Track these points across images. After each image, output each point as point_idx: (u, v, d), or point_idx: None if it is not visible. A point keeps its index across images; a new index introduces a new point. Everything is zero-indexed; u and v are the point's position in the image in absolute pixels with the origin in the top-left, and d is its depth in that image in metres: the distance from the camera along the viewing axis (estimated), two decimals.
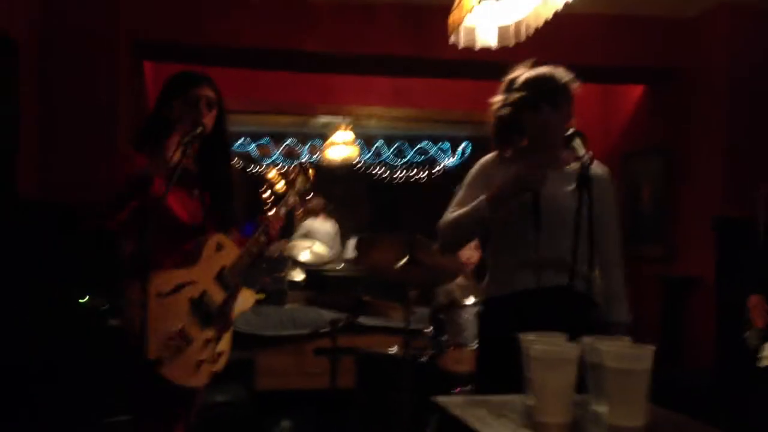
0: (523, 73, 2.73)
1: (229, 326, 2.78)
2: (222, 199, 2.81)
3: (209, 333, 2.67)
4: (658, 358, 4.46)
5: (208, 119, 2.72)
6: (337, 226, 8.98)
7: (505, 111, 2.67)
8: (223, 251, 2.74)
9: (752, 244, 4.02)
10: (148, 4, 4.72)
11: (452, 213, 2.65)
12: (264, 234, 2.85)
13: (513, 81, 2.74)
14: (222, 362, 2.75)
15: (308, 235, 8.67)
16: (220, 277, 2.73)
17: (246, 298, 2.88)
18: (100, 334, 3.65)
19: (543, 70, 2.70)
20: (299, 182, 3.09)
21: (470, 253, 4.87)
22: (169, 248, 2.62)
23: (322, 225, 8.88)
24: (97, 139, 4.30)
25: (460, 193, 2.73)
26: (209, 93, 2.74)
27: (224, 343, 2.75)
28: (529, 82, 2.66)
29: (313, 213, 9.04)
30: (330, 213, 9.04)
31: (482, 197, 2.53)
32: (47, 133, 4.25)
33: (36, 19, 4.20)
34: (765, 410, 3.68)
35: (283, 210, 2.96)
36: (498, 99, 2.77)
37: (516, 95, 2.66)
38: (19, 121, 3.94)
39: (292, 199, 3.04)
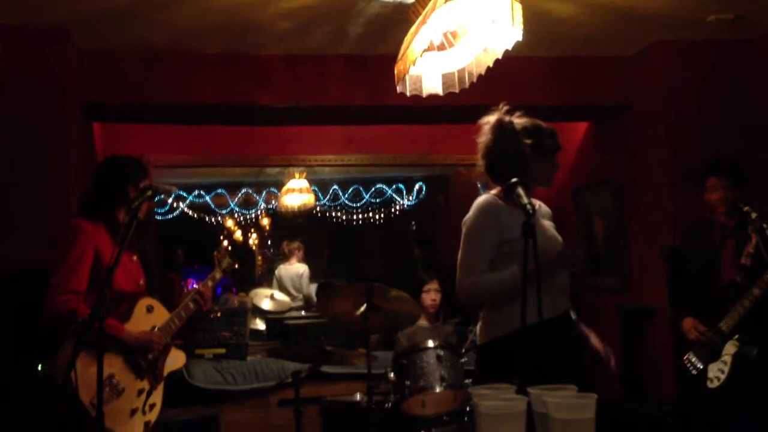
0: (510, 118, 2.92)
1: (160, 380, 3.05)
2: (148, 268, 3.22)
3: (142, 384, 2.95)
4: (620, 388, 4.54)
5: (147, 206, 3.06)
6: (305, 266, 9.01)
7: (522, 153, 2.83)
8: (153, 312, 3.08)
9: (677, 271, 4.17)
10: (100, 67, 4.71)
11: (480, 277, 2.76)
12: (194, 302, 3.19)
13: (510, 124, 2.89)
14: (155, 413, 3.01)
15: (278, 280, 8.71)
16: None
17: (176, 358, 3.19)
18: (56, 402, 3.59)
19: (543, 122, 2.95)
20: (224, 263, 3.52)
21: (434, 295, 4.92)
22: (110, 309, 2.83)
23: (287, 270, 8.90)
24: (49, 202, 4.26)
25: (474, 245, 2.84)
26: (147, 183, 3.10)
27: (156, 396, 3.02)
28: (547, 132, 2.91)
29: (283, 258, 9.09)
30: (298, 256, 9.08)
31: (515, 271, 2.64)
32: None
33: None
34: (725, 427, 3.76)
35: (210, 283, 3.35)
36: (495, 139, 2.89)
37: (549, 143, 2.89)
38: None
39: (218, 275, 3.47)
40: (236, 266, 3.64)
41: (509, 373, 2.42)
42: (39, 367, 3.49)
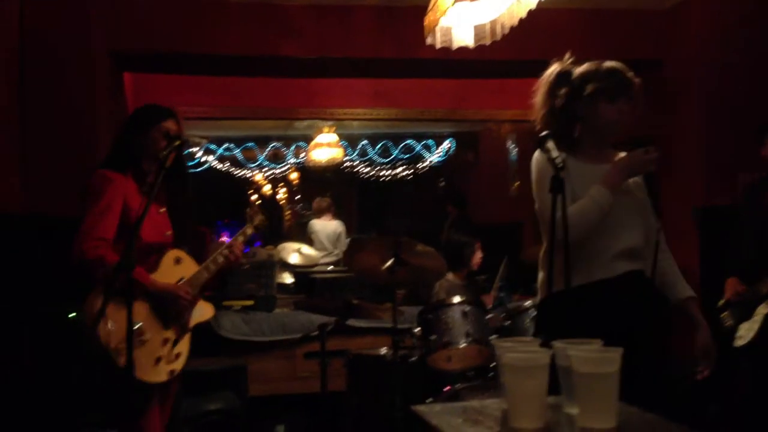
0: (571, 68, 2.67)
1: (186, 331, 3.04)
2: (181, 216, 3.16)
3: (168, 333, 2.94)
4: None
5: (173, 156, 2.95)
6: (342, 225, 9.01)
7: (577, 104, 2.60)
8: (181, 264, 3.07)
9: (732, 231, 4.07)
10: (127, 16, 4.70)
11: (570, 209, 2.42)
12: (223, 256, 3.15)
13: (568, 73, 2.65)
14: (180, 362, 2.99)
15: (312, 235, 8.73)
16: None
17: (204, 310, 3.16)
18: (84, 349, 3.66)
19: (610, 63, 2.65)
20: (257, 219, 3.45)
21: (480, 253, 5.18)
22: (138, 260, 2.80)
23: (324, 225, 8.91)
24: (78, 151, 4.29)
25: (543, 191, 2.53)
26: (172, 126, 3.02)
27: (183, 345, 3.01)
28: (605, 74, 2.61)
29: (318, 213, 9.09)
30: (335, 213, 9.09)
31: (595, 187, 2.46)
32: (27, 145, 4.23)
33: (14, 32, 4.18)
34: (744, 388, 3.75)
35: (241, 239, 3.29)
36: (544, 92, 2.67)
37: (592, 87, 2.58)
38: None
39: (249, 231, 3.38)
40: (267, 223, 3.61)
41: (563, 330, 2.24)
42: (70, 315, 3.55)
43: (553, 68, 2.73)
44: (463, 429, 1.51)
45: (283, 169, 11.54)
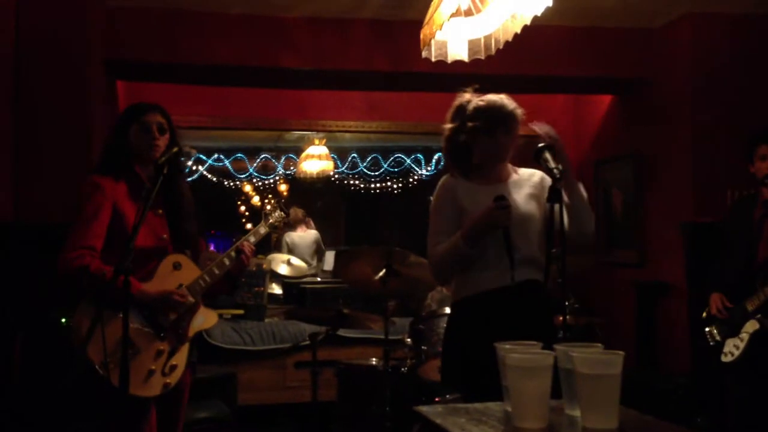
0: (470, 100, 2.91)
1: (184, 341, 2.86)
2: (178, 219, 2.96)
3: (162, 345, 2.78)
4: (634, 362, 4.52)
5: (161, 142, 2.89)
6: (318, 235, 9.03)
7: (462, 137, 2.86)
8: (181, 270, 2.89)
9: (719, 247, 4.10)
10: (121, 24, 4.73)
11: (436, 248, 2.81)
12: (230, 259, 2.98)
13: (463, 108, 2.91)
14: (176, 375, 2.81)
15: (291, 248, 8.73)
16: None
17: (208, 317, 2.98)
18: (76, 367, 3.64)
19: (492, 98, 2.88)
20: (274, 216, 3.27)
21: None
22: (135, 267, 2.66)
23: (302, 237, 8.92)
24: (71, 159, 4.29)
25: (433, 221, 2.90)
26: (160, 119, 2.91)
27: (179, 357, 2.83)
28: (483, 111, 2.84)
29: (293, 225, 9.08)
30: (309, 223, 9.10)
31: (458, 234, 2.71)
32: (21, 153, 4.23)
33: (8, 39, 4.20)
34: (733, 402, 3.78)
35: (252, 239, 3.10)
36: (449, 125, 2.94)
37: (471, 124, 2.84)
38: None
39: (263, 230, 3.19)
40: (286, 220, 3.39)
41: (473, 332, 2.69)
42: (63, 320, 3.55)
43: (459, 99, 2.97)
44: (468, 428, 1.54)
45: (273, 180, 11.55)
